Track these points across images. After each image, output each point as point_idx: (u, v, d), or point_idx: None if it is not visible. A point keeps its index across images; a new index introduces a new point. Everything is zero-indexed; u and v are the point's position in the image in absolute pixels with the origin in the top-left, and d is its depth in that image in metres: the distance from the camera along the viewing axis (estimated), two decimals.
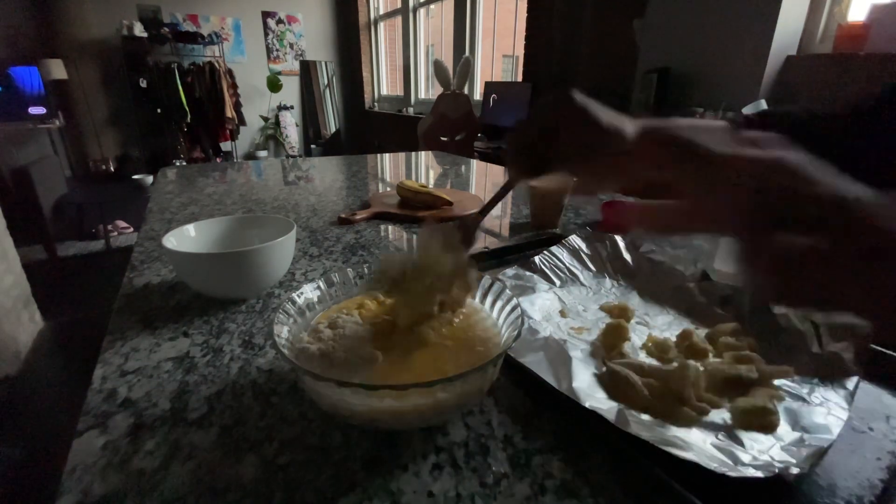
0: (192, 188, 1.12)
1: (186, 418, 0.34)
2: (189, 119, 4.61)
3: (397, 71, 5.19)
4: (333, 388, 0.28)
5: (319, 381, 0.28)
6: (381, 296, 0.41)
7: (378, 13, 5.23)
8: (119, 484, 0.28)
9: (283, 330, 0.34)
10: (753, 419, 0.32)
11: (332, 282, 0.42)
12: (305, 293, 0.39)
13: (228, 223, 0.60)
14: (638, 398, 0.34)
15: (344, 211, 0.91)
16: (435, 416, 0.32)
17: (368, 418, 0.30)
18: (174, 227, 0.55)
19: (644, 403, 0.34)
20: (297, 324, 0.37)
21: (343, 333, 0.35)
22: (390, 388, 0.28)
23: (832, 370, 0.37)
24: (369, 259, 0.66)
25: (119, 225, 3.21)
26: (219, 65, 4.68)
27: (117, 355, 0.42)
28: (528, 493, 0.28)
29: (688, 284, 0.51)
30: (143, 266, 0.63)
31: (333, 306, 0.41)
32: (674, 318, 0.48)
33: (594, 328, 0.46)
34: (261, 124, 5.36)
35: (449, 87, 3.38)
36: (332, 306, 0.41)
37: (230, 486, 0.28)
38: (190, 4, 4.73)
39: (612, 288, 0.55)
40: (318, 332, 0.36)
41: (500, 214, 0.93)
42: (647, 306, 0.51)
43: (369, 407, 0.29)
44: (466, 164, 1.53)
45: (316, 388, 0.30)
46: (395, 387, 0.28)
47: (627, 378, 0.35)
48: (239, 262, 0.48)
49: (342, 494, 0.28)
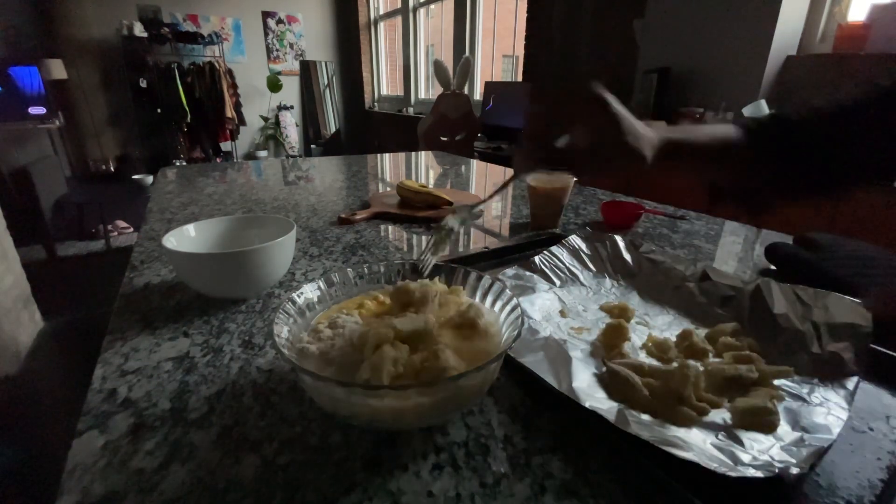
0: (192, 188, 1.12)
1: (186, 418, 0.34)
2: (189, 119, 4.61)
3: (397, 71, 5.19)
4: (333, 388, 0.28)
5: (319, 380, 0.28)
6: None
7: (378, 13, 5.23)
8: (119, 484, 0.28)
9: (284, 330, 0.34)
10: (753, 419, 0.32)
11: (332, 282, 0.42)
12: (305, 293, 0.39)
13: (228, 223, 0.60)
14: (638, 398, 0.34)
15: (344, 211, 0.91)
16: (435, 415, 0.32)
17: (368, 418, 0.30)
18: (174, 227, 0.55)
19: (644, 403, 0.34)
20: (297, 324, 0.37)
21: (343, 333, 0.35)
22: (389, 389, 0.28)
23: (832, 370, 0.37)
24: (369, 259, 0.66)
25: (119, 225, 3.21)
26: (219, 65, 4.68)
27: (117, 355, 0.42)
28: (528, 494, 0.28)
29: (688, 284, 0.51)
30: (143, 266, 0.63)
31: (333, 306, 0.41)
32: (674, 318, 0.48)
33: (594, 328, 0.46)
34: (261, 124, 5.36)
35: (449, 87, 3.38)
36: (332, 306, 0.41)
37: (230, 486, 0.28)
38: (190, 4, 4.73)
39: (612, 288, 0.55)
40: (318, 332, 0.36)
41: (500, 214, 0.93)
42: (646, 306, 0.51)
43: (369, 407, 0.29)
44: (466, 164, 1.53)
45: (316, 387, 0.30)
46: (394, 387, 0.28)
47: (627, 378, 0.35)
48: (239, 262, 0.48)
49: (342, 494, 0.28)
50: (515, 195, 1.09)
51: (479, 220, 0.88)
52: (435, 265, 0.43)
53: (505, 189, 0.42)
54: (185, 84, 4.54)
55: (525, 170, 0.42)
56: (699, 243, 0.75)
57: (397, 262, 0.45)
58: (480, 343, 0.35)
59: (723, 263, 0.67)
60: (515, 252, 0.67)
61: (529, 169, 0.44)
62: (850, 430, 0.33)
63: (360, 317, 0.38)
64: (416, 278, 0.42)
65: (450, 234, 0.45)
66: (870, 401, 0.36)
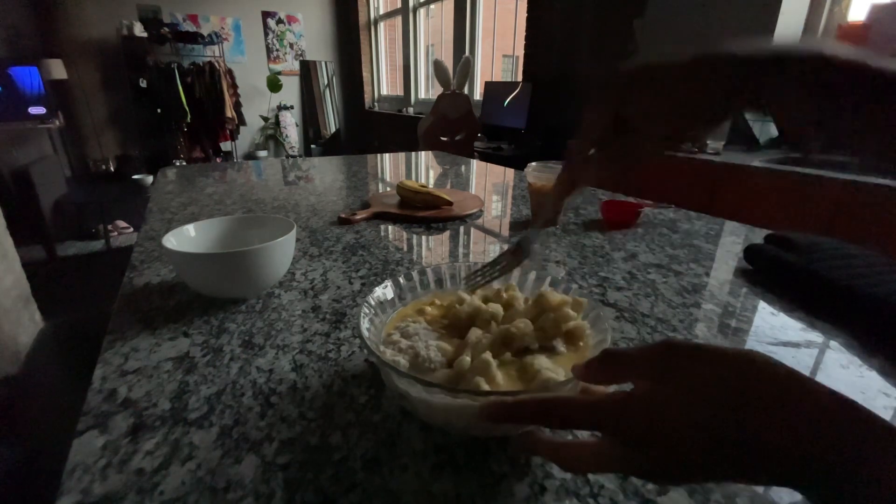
0: (192, 188, 1.12)
1: (186, 418, 0.34)
2: (189, 119, 4.61)
3: (397, 71, 5.19)
4: (440, 395, 0.28)
5: (428, 386, 0.27)
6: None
7: (378, 13, 5.23)
8: (119, 484, 0.28)
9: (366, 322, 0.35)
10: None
11: (402, 285, 0.42)
12: (380, 296, 0.40)
13: (228, 223, 0.60)
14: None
15: (344, 211, 0.91)
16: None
17: (465, 424, 0.30)
18: (174, 227, 0.55)
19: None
20: (375, 323, 0.37)
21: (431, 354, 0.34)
22: (499, 393, 0.28)
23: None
24: (369, 259, 0.66)
25: (119, 225, 3.21)
26: (219, 65, 4.68)
27: (117, 355, 0.42)
28: (528, 494, 0.28)
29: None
30: (143, 266, 0.63)
31: (393, 315, 0.41)
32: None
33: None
34: (261, 124, 5.36)
35: (449, 87, 3.38)
36: (392, 315, 0.41)
37: (230, 486, 0.28)
38: (190, 4, 4.73)
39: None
40: (393, 342, 0.35)
41: (500, 214, 0.93)
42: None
43: (468, 413, 0.28)
44: (466, 164, 1.53)
45: (420, 399, 0.29)
46: (504, 393, 0.28)
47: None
48: (239, 262, 0.48)
49: (342, 494, 0.28)
50: (516, 195, 1.09)
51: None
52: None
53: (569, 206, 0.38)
54: (185, 84, 4.54)
55: (591, 182, 0.38)
56: (699, 243, 0.75)
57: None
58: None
59: (723, 263, 0.67)
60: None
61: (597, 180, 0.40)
62: None
63: (427, 323, 0.38)
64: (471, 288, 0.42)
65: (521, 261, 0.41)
66: None
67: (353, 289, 0.56)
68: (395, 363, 0.32)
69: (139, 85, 4.39)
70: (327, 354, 0.42)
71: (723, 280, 0.61)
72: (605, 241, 0.75)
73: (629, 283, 0.59)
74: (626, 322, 0.50)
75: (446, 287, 0.44)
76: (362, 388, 0.38)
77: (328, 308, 0.51)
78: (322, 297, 0.54)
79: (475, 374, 0.30)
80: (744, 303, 0.55)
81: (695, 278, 0.61)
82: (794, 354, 0.45)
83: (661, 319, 0.50)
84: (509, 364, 0.32)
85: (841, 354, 0.45)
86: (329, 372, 0.40)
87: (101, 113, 4.48)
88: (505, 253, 0.41)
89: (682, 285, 0.59)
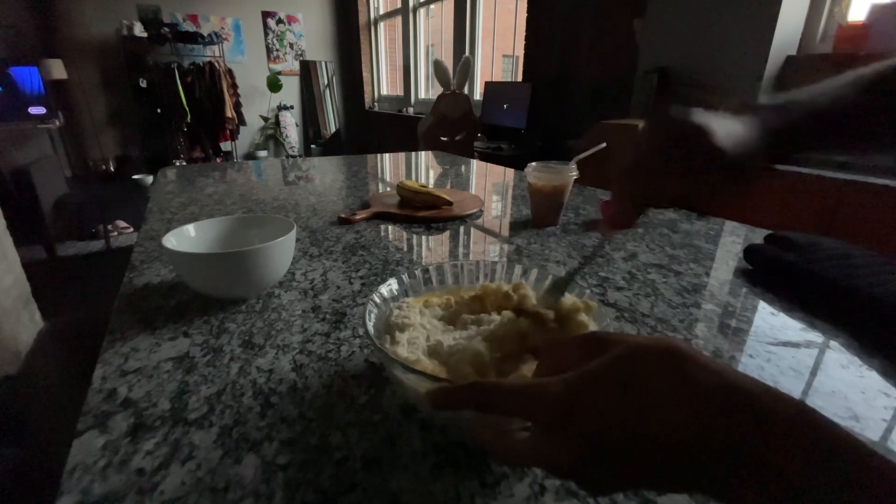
0: (192, 188, 1.12)
1: (186, 418, 0.34)
2: (189, 119, 4.61)
3: (397, 71, 5.19)
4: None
5: (390, 362, 0.29)
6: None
7: (378, 13, 5.23)
8: (119, 484, 0.28)
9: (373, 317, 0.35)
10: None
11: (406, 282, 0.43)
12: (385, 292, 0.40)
13: (228, 223, 0.60)
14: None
15: (344, 211, 0.91)
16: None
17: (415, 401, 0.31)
18: (174, 227, 0.55)
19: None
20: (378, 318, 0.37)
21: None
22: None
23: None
24: (369, 259, 0.66)
25: (119, 225, 3.21)
26: (219, 65, 4.68)
27: (117, 355, 0.42)
28: (528, 494, 0.28)
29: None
30: (143, 266, 0.63)
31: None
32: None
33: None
34: (261, 124, 5.36)
35: (449, 87, 3.38)
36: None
37: (230, 486, 0.28)
38: (190, 4, 4.73)
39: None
40: (398, 342, 0.35)
41: (500, 214, 0.93)
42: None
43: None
44: (466, 164, 1.53)
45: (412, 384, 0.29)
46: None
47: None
48: (239, 262, 0.48)
49: (342, 494, 0.28)
50: (516, 195, 1.09)
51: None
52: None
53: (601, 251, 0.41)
54: (185, 84, 4.54)
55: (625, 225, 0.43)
56: (699, 243, 0.75)
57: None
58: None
59: (722, 263, 0.67)
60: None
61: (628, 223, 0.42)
62: None
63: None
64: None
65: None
66: None
67: (353, 289, 0.56)
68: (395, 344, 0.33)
69: (139, 85, 4.39)
70: (327, 354, 0.42)
71: (723, 280, 0.61)
72: (606, 241, 0.75)
73: (629, 283, 0.59)
74: (626, 322, 0.50)
75: (463, 284, 0.45)
76: (362, 388, 0.38)
77: (328, 308, 0.51)
78: (322, 297, 0.54)
79: (459, 359, 0.30)
80: (744, 303, 0.55)
81: (695, 278, 0.61)
82: (794, 354, 0.45)
83: (661, 319, 0.50)
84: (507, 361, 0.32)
85: (841, 354, 0.45)
86: (329, 372, 0.40)
87: (100, 113, 4.48)
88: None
89: (682, 285, 0.59)
